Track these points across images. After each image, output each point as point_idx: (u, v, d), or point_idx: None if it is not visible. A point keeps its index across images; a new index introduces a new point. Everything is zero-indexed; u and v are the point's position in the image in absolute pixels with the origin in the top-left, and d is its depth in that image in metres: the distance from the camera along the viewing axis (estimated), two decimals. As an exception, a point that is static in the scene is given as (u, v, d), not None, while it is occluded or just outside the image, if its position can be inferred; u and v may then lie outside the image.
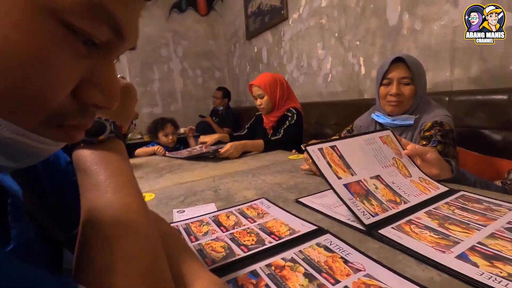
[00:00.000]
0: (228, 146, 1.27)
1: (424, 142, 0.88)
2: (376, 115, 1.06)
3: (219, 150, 1.28)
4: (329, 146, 0.63)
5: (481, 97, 1.14)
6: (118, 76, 0.40)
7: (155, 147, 1.74)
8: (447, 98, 1.25)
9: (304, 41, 2.32)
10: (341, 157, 0.62)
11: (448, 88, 1.35)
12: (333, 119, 1.93)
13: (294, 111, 1.54)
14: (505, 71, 1.14)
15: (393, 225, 0.48)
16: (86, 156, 0.30)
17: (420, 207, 0.55)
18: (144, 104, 3.53)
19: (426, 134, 0.89)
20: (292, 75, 2.55)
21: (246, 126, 1.77)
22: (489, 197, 0.57)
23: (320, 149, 0.61)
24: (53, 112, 0.20)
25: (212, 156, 1.29)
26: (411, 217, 0.51)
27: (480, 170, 1.04)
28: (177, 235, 0.39)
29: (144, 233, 0.27)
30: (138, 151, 1.79)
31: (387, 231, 0.46)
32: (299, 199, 0.66)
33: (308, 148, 0.60)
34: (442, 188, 0.63)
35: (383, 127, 1.07)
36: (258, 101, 1.58)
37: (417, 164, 0.70)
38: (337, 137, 0.98)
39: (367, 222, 0.49)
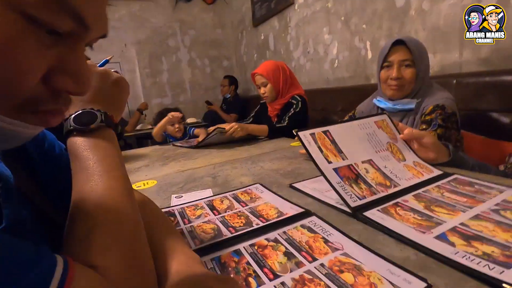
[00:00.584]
0: (233, 124, 1.30)
1: (424, 126, 0.87)
2: (378, 100, 1.05)
3: (224, 128, 1.30)
4: (322, 131, 0.63)
5: (490, 78, 1.10)
6: (112, 70, 0.42)
7: (167, 118, 1.75)
8: (454, 81, 1.21)
9: (310, 26, 2.27)
10: (333, 141, 0.62)
11: (457, 70, 1.31)
12: (340, 105, 1.91)
13: (298, 98, 1.54)
14: (516, 51, 1.10)
15: (378, 208, 0.49)
16: (77, 143, 0.33)
17: (409, 190, 0.55)
18: (154, 95, 3.59)
19: (427, 118, 0.88)
20: (299, 61, 2.51)
21: (251, 114, 1.78)
22: (481, 180, 0.56)
23: (312, 134, 0.61)
24: (26, 99, 0.21)
25: (219, 134, 1.30)
26: (399, 200, 0.52)
27: (486, 153, 1.02)
28: (163, 216, 0.42)
29: (124, 212, 0.30)
30: (154, 131, 1.81)
31: (372, 213, 0.47)
32: (293, 184, 0.68)
33: (299, 133, 0.60)
34: (436, 172, 0.63)
35: (384, 112, 1.05)
36: (262, 90, 1.57)
37: (413, 149, 0.69)
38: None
39: (353, 204, 0.50)
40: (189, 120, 3.17)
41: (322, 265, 0.36)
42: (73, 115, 0.34)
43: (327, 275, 0.34)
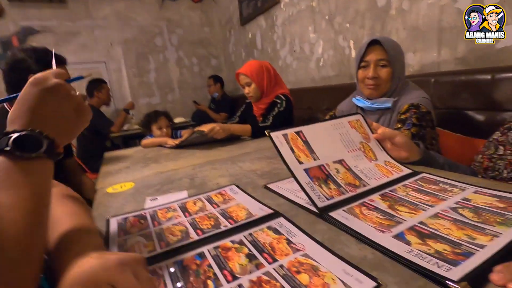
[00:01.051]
0: (213, 125, 1.29)
1: (399, 125, 0.88)
2: (356, 98, 1.06)
3: (204, 130, 1.27)
4: (294, 132, 0.63)
5: (465, 77, 1.13)
6: (78, 93, 0.38)
7: (164, 139, 1.64)
8: (433, 80, 1.23)
9: (296, 25, 2.28)
10: (305, 142, 0.63)
11: (435, 69, 1.34)
12: (325, 104, 1.92)
13: (283, 97, 1.54)
14: (491, 50, 1.12)
15: (344, 208, 0.50)
16: (5, 166, 0.30)
17: (377, 190, 0.56)
18: (141, 95, 3.55)
19: (401, 117, 0.90)
20: (285, 60, 2.52)
21: (237, 114, 1.77)
22: (446, 178, 0.58)
23: (285, 135, 0.62)
24: None
25: (199, 136, 1.28)
26: (365, 199, 0.53)
27: (461, 151, 1.04)
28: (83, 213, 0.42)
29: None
30: (146, 142, 1.71)
31: (337, 214, 0.48)
32: (267, 185, 0.68)
33: (271, 134, 0.61)
34: (406, 171, 0.64)
35: (363, 110, 1.07)
36: (246, 90, 1.57)
37: (385, 148, 0.71)
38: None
39: (320, 205, 0.50)
40: (177, 120, 3.15)
41: (281, 266, 0.37)
42: (15, 135, 0.31)
43: (284, 276, 0.35)
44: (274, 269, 0.36)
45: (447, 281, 0.30)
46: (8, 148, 0.30)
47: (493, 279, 0.29)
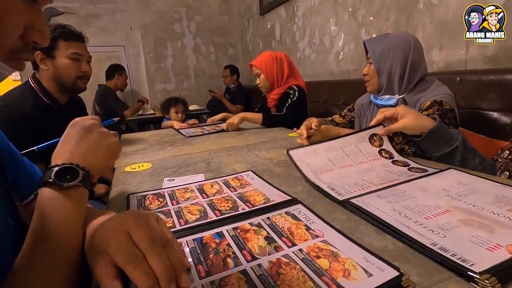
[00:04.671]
0: (226, 123, 1.38)
1: (420, 122, 0.86)
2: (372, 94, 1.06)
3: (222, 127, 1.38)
4: (312, 149, 0.68)
5: (493, 76, 1.08)
6: (111, 132, 0.46)
7: (175, 122, 1.94)
8: (458, 78, 1.19)
9: (317, 16, 2.23)
10: (321, 157, 0.66)
11: (462, 67, 1.29)
12: (342, 98, 1.89)
13: (295, 88, 1.52)
14: (523, 49, 1.07)
15: (365, 197, 0.49)
16: (48, 196, 0.36)
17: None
18: (157, 81, 3.58)
19: (424, 113, 0.87)
20: (304, 53, 2.48)
21: (255, 110, 1.77)
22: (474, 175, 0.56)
23: (304, 152, 0.67)
24: (10, 49, 0.30)
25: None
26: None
27: (484, 152, 1.01)
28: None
29: None
30: (164, 124, 2.05)
31: (358, 200, 0.48)
32: (289, 151, 0.68)
33: (290, 152, 0.67)
34: (431, 170, 0.62)
35: (377, 107, 1.05)
36: (257, 80, 1.60)
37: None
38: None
39: (341, 199, 0.50)
40: (191, 108, 3.17)
41: (300, 250, 0.37)
42: (57, 169, 0.36)
43: (303, 260, 0.35)
44: (294, 253, 0.36)
45: (469, 273, 0.29)
46: (50, 180, 0.35)
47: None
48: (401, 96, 0.96)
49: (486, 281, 0.29)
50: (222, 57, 3.85)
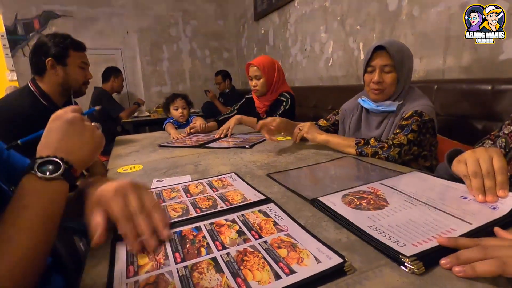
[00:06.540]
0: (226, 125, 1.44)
1: (398, 130, 0.92)
2: (363, 99, 1.09)
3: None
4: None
5: (466, 86, 1.15)
6: (93, 124, 0.47)
7: (173, 133, 1.56)
8: (436, 87, 1.26)
9: (308, 23, 2.31)
10: None
11: (440, 76, 1.36)
12: (331, 103, 1.96)
13: (288, 95, 1.58)
14: (494, 61, 1.14)
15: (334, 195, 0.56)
16: (29, 184, 0.37)
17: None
18: (153, 83, 3.63)
19: (403, 122, 0.92)
20: (295, 58, 2.55)
21: (235, 108, 1.75)
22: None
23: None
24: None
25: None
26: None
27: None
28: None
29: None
30: (166, 127, 1.71)
31: (326, 199, 0.54)
32: (270, 174, 0.74)
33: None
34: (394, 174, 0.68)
35: (368, 112, 1.10)
36: (254, 82, 1.59)
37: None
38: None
39: (311, 197, 0.56)
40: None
41: (265, 242, 0.43)
42: (40, 161, 0.38)
43: (266, 250, 0.40)
44: (259, 244, 0.42)
45: (400, 256, 0.36)
46: (33, 171, 0.38)
47: (441, 263, 0.35)
48: (400, 102, 1.00)
49: (413, 264, 0.35)
50: (217, 61, 3.91)
